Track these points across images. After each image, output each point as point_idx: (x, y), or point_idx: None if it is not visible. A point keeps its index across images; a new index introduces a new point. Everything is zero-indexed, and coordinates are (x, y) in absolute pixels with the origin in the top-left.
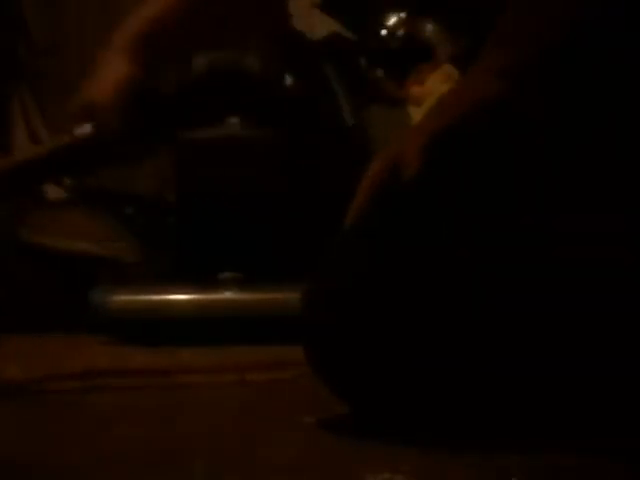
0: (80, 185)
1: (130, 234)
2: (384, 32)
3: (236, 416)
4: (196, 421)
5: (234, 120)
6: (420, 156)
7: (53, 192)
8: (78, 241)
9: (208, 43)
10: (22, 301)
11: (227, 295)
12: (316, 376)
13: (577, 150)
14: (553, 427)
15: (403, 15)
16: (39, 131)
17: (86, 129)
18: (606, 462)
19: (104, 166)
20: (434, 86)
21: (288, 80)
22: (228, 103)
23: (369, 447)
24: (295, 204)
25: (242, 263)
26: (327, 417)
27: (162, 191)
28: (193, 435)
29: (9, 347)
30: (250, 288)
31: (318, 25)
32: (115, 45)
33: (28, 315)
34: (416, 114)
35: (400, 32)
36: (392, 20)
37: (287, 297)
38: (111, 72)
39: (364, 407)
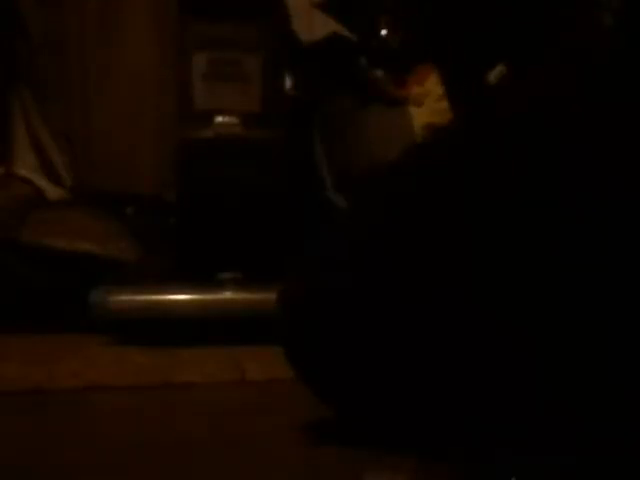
0: (80, 185)
1: (130, 234)
2: (384, 32)
3: (236, 416)
4: (196, 421)
5: (234, 120)
6: None
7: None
8: (78, 241)
9: None
10: (22, 301)
11: (227, 295)
12: (297, 377)
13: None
14: (552, 427)
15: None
16: (39, 131)
17: None
18: (606, 462)
19: None
20: (434, 86)
21: None
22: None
23: (369, 447)
24: (295, 204)
25: (242, 263)
26: (327, 417)
27: (162, 191)
28: (193, 435)
29: (9, 347)
30: (250, 288)
31: (318, 25)
32: None
33: (28, 315)
34: (416, 114)
35: (400, 32)
36: (392, 20)
37: None
38: None
39: (346, 410)
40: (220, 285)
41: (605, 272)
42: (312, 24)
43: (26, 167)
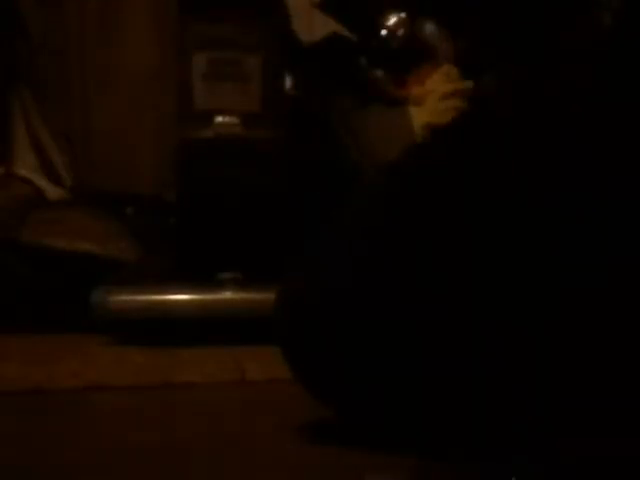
0: (80, 185)
1: (130, 234)
2: (384, 32)
3: (236, 416)
4: (196, 421)
5: (234, 120)
6: None
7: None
8: (78, 241)
9: None
10: (22, 301)
11: (227, 295)
12: (294, 378)
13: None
14: (553, 427)
15: (403, 15)
16: (39, 131)
17: None
18: (606, 462)
19: None
20: (434, 86)
21: None
22: None
23: (369, 447)
24: (295, 204)
25: (242, 263)
26: (327, 417)
27: (162, 191)
28: (193, 435)
29: (9, 347)
30: (250, 288)
31: (318, 25)
32: None
33: (28, 315)
34: (416, 114)
35: (400, 32)
36: (392, 20)
37: None
38: None
39: (346, 411)
40: (220, 285)
41: (605, 272)
42: (312, 24)
43: (26, 167)
